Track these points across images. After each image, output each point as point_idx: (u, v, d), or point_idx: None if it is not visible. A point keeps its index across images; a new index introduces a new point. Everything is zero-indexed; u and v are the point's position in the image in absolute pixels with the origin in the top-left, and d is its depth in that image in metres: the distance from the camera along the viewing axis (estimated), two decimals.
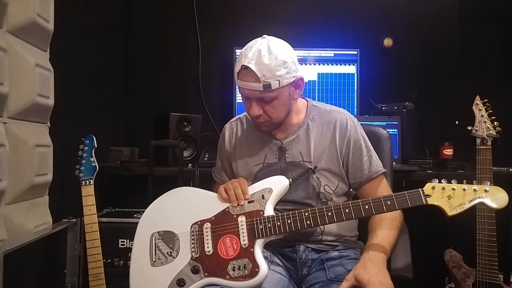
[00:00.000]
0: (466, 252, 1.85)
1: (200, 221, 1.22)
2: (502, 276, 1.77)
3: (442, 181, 1.11)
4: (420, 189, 1.12)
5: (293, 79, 1.26)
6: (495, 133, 1.72)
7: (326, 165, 1.32)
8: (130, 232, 1.82)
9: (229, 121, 1.49)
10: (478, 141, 1.74)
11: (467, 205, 1.09)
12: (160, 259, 1.22)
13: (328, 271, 1.24)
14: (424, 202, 1.11)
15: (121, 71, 2.57)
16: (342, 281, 1.14)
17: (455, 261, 1.87)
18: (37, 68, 1.51)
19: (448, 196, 1.10)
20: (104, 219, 1.85)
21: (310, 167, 1.32)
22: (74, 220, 1.76)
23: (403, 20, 2.59)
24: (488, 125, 1.73)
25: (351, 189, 1.39)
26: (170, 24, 2.60)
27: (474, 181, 1.11)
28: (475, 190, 1.09)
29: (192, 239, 1.21)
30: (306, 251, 1.31)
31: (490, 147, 1.72)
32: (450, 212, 1.09)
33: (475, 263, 1.75)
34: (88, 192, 1.67)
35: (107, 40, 2.38)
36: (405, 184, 2.03)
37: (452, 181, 1.11)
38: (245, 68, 1.21)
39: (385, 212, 1.14)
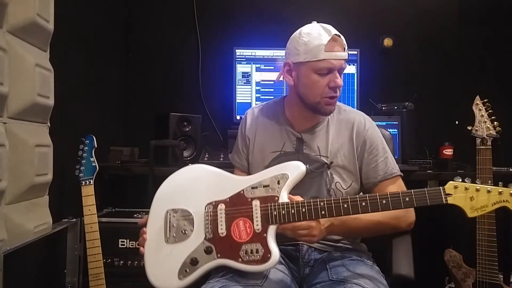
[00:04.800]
0: (466, 252, 1.85)
1: (214, 201, 1.21)
2: (502, 276, 1.77)
3: (465, 180, 1.06)
4: (441, 187, 1.07)
5: None
6: (495, 133, 1.72)
7: (342, 162, 1.33)
8: (130, 232, 1.84)
9: (251, 108, 1.51)
10: (478, 141, 1.74)
11: (490, 208, 1.03)
12: (174, 236, 1.21)
13: (330, 272, 1.23)
14: (443, 202, 1.06)
15: (121, 71, 2.57)
16: (344, 282, 1.14)
17: (455, 261, 1.87)
18: (37, 68, 1.51)
19: (471, 198, 1.04)
20: (104, 219, 1.85)
21: (326, 162, 1.33)
22: (74, 220, 1.76)
23: (403, 20, 2.59)
24: (488, 125, 1.73)
25: (361, 192, 1.39)
26: (170, 24, 2.60)
27: (500, 183, 1.05)
28: (500, 192, 1.03)
29: (206, 220, 1.20)
30: (309, 251, 1.32)
31: (490, 147, 1.72)
32: (471, 214, 1.04)
33: (475, 263, 1.75)
34: (88, 192, 1.67)
35: (107, 40, 2.38)
36: (405, 184, 2.03)
37: (476, 181, 1.06)
38: (338, 36, 1.27)
39: (402, 208, 1.11)
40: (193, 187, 1.26)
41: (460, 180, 1.06)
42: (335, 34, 1.26)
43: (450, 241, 2.11)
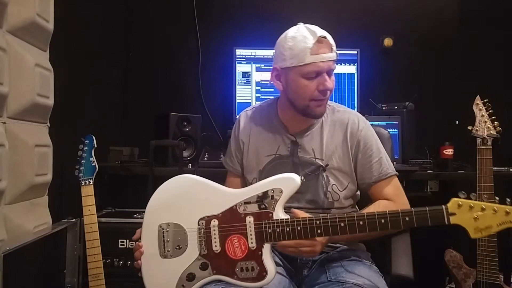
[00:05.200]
0: (467, 252, 1.85)
1: (207, 216, 1.20)
2: (502, 276, 1.77)
3: (471, 196, 1.02)
4: (443, 206, 1.02)
5: None
6: (495, 133, 1.72)
7: (337, 164, 1.32)
8: (130, 232, 1.81)
9: (244, 110, 1.49)
10: (479, 141, 1.74)
11: (495, 229, 0.98)
12: (169, 251, 1.21)
13: (329, 272, 1.23)
14: (446, 222, 1.01)
15: (121, 71, 2.57)
16: (343, 283, 1.14)
17: (456, 261, 1.87)
18: (37, 68, 1.51)
19: (475, 218, 0.99)
20: (104, 219, 1.85)
21: (321, 164, 1.32)
22: (73, 220, 1.76)
23: (403, 20, 2.59)
24: (489, 125, 1.73)
25: (357, 192, 1.39)
26: (170, 24, 2.60)
27: (507, 200, 1.00)
28: (507, 213, 0.97)
29: (200, 236, 1.19)
30: None
31: (491, 147, 1.72)
32: (474, 234, 0.99)
33: (476, 263, 1.75)
34: (88, 192, 1.67)
35: (107, 40, 2.38)
36: (405, 184, 2.03)
37: (483, 198, 1.02)
38: (323, 37, 1.22)
39: (401, 229, 1.09)
40: (185, 200, 1.24)
41: (464, 197, 1.03)
42: (320, 36, 1.22)
43: (450, 241, 2.10)
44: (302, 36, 1.23)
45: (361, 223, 1.09)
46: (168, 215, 1.24)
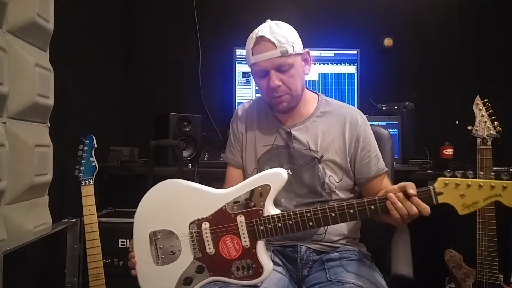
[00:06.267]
0: (466, 252, 1.85)
1: (197, 220, 1.19)
2: (502, 276, 1.77)
3: (456, 174, 1.01)
4: (431, 187, 1.03)
5: (303, 51, 1.30)
6: (495, 133, 1.72)
7: (333, 157, 1.33)
8: (130, 232, 1.81)
9: (242, 103, 1.51)
10: (478, 141, 1.74)
11: (482, 204, 0.99)
12: (163, 258, 1.21)
13: (329, 272, 1.23)
14: (434, 203, 1.02)
15: (121, 71, 2.57)
16: (342, 282, 1.14)
17: (455, 261, 1.87)
18: (37, 68, 1.51)
19: (462, 195, 1.00)
20: (104, 219, 1.85)
21: (316, 156, 1.33)
22: (74, 220, 1.76)
23: (403, 20, 2.59)
24: (489, 125, 1.73)
25: (355, 186, 1.39)
26: (170, 24, 2.60)
27: (492, 174, 1.01)
28: (492, 186, 0.98)
29: (192, 240, 1.19)
30: (308, 252, 1.32)
31: (490, 147, 1.72)
32: (462, 211, 1.00)
33: (475, 263, 1.75)
34: (88, 192, 1.67)
35: (107, 40, 2.38)
36: None
37: (467, 174, 1.01)
38: (260, 37, 1.24)
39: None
40: (173, 206, 1.23)
41: (450, 175, 1.02)
42: (257, 36, 1.25)
43: (450, 241, 2.11)
44: (250, 38, 1.29)
45: (351, 211, 1.09)
46: (158, 223, 1.22)
